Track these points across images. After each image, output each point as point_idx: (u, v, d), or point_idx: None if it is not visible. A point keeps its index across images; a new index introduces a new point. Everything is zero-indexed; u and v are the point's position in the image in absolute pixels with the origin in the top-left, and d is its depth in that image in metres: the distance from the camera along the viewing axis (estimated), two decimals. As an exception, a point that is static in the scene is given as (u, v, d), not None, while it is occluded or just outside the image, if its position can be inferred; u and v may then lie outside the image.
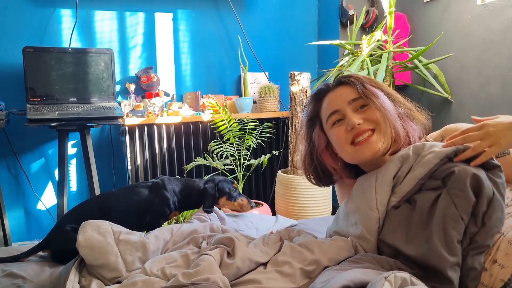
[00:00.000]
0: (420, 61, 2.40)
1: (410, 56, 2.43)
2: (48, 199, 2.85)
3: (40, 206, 2.84)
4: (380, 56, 2.46)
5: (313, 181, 1.30)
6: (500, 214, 0.90)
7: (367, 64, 2.37)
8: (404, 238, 0.95)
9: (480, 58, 2.34)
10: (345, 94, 1.13)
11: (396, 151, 1.10)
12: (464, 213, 0.88)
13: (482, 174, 0.90)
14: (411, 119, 1.14)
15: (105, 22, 2.89)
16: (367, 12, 3.01)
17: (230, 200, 1.73)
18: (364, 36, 2.51)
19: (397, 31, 2.63)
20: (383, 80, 2.41)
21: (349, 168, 1.23)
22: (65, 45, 2.78)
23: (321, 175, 1.27)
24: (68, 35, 2.78)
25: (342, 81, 1.16)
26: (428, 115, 1.19)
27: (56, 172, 2.78)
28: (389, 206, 1.02)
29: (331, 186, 1.39)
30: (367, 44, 2.46)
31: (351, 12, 3.01)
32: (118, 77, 2.92)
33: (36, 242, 1.47)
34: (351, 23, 3.02)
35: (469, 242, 0.90)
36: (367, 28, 3.09)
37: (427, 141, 1.14)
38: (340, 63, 2.62)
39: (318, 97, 1.20)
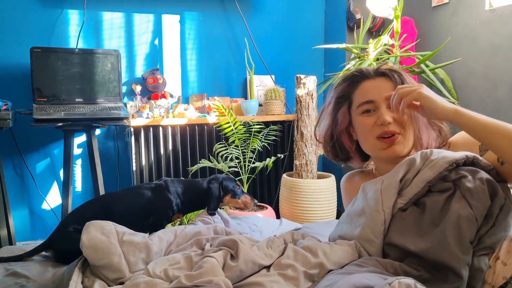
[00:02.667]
0: (427, 66, 2.39)
1: (417, 60, 2.42)
2: (53, 199, 2.86)
3: (45, 206, 2.84)
4: (387, 60, 2.45)
5: (330, 155, 1.32)
6: (509, 219, 0.92)
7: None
8: (414, 238, 0.95)
9: (488, 63, 2.32)
10: (384, 88, 1.12)
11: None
12: (479, 214, 0.89)
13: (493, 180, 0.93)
14: (433, 127, 1.14)
15: (112, 23, 2.90)
16: (374, 16, 3.00)
17: (234, 198, 1.74)
18: (371, 40, 2.50)
19: (404, 35, 2.62)
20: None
21: (363, 153, 1.27)
22: (72, 45, 2.79)
23: (338, 152, 1.30)
24: (75, 36, 2.80)
25: (385, 72, 1.15)
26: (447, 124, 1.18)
27: (61, 172, 2.78)
28: (395, 209, 1.02)
29: (336, 190, 1.40)
30: (373, 48, 2.45)
31: (358, 16, 3.01)
32: (124, 78, 2.93)
33: (40, 242, 1.48)
34: (358, 27, 3.01)
35: (477, 242, 0.91)
36: (374, 32, 3.08)
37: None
38: (347, 67, 2.61)
39: (355, 79, 1.19)
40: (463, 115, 0.94)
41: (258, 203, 2.79)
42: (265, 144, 2.77)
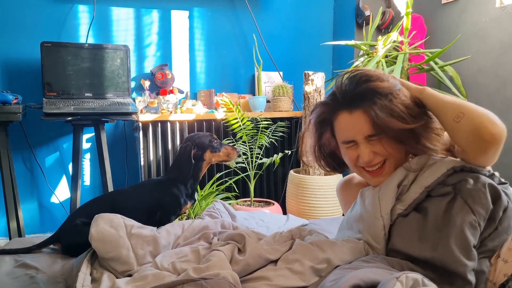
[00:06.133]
0: (436, 63, 2.37)
1: (426, 58, 2.41)
2: (61, 192, 2.89)
3: (53, 199, 2.87)
4: (396, 57, 2.44)
5: (327, 169, 1.29)
6: (511, 225, 0.93)
7: (382, 65, 2.35)
8: (418, 244, 0.95)
9: (497, 61, 2.30)
10: (361, 125, 1.05)
11: None
12: (481, 219, 0.89)
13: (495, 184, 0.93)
14: (429, 130, 1.06)
15: (121, 18, 2.91)
16: (383, 13, 2.99)
17: (214, 152, 1.70)
18: (380, 37, 2.49)
19: (414, 32, 2.61)
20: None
21: None
22: (82, 40, 2.81)
23: (334, 164, 1.27)
24: (85, 31, 2.81)
25: (361, 104, 1.05)
26: None
27: (70, 166, 2.80)
28: (395, 214, 1.02)
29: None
30: (382, 45, 2.44)
31: (367, 13, 2.99)
32: (133, 74, 2.95)
33: (48, 235, 1.49)
34: (367, 23, 3.00)
35: (479, 245, 0.91)
36: (383, 29, 3.06)
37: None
38: (355, 64, 2.60)
39: (333, 108, 1.12)
40: (428, 94, 0.99)
41: (265, 199, 2.80)
42: (273, 140, 2.77)
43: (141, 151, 2.67)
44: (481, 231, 0.90)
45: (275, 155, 2.66)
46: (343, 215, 2.61)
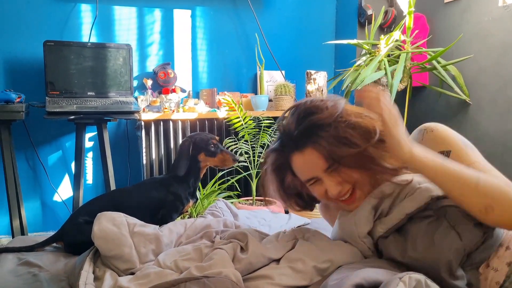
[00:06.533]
0: (438, 62, 2.37)
1: (429, 57, 2.41)
2: (64, 191, 2.90)
3: (56, 198, 2.88)
4: (398, 56, 2.44)
5: (297, 208, 1.22)
6: (498, 231, 0.92)
7: (384, 65, 2.35)
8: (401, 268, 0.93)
9: (500, 60, 2.30)
10: (316, 162, 1.01)
11: None
12: (469, 243, 0.88)
13: None
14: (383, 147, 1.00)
15: (124, 17, 2.92)
16: (386, 12, 2.99)
17: (209, 156, 1.66)
18: (382, 36, 2.49)
19: (416, 31, 2.61)
20: (401, 81, 2.38)
21: None
22: (85, 39, 2.81)
23: (303, 203, 1.21)
24: (87, 30, 2.82)
25: (306, 143, 1.02)
26: None
27: (72, 165, 2.81)
28: (376, 236, 1.00)
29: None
30: (385, 44, 2.44)
31: (369, 12, 2.99)
32: (135, 72, 2.95)
33: (51, 233, 1.50)
34: (370, 23, 3.00)
35: (466, 259, 0.90)
36: (386, 28, 3.06)
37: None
38: (357, 63, 2.60)
39: (284, 153, 1.09)
40: (417, 157, 0.89)
41: (267, 198, 2.79)
42: (275, 139, 2.77)
43: (143, 150, 2.68)
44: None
45: (277, 154, 2.65)
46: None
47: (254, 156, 2.65)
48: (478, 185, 0.83)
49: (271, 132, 2.68)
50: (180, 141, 2.74)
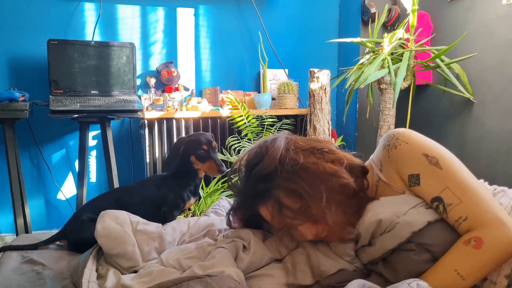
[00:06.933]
0: (442, 61, 2.36)
1: (432, 55, 2.40)
2: (68, 189, 2.91)
3: (60, 196, 2.89)
4: (402, 54, 2.43)
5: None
6: None
7: (388, 63, 2.34)
8: None
9: (504, 59, 2.29)
10: (277, 220, 0.98)
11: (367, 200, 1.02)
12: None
13: None
14: (347, 171, 0.97)
15: (127, 16, 2.92)
16: (389, 10, 2.98)
17: (198, 160, 1.63)
18: (385, 34, 2.48)
19: (420, 29, 2.60)
20: (404, 79, 2.38)
21: None
22: (88, 38, 2.82)
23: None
24: (91, 29, 2.82)
25: (264, 198, 0.98)
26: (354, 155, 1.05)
27: (76, 163, 2.82)
28: (363, 261, 0.98)
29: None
30: (388, 42, 2.43)
31: (373, 10, 2.98)
32: (139, 71, 2.96)
33: (55, 231, 1.50)
34: (373, 21, 2.99)
35: None
36: (389, 26, 3.05)
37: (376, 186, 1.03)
38: (361, 61, 2.59)
39: (249, 207, 1.06)
40: None
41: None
42: (278, 138, 2.77)
43: (147, 148, 2.68)
44: None
45: (280, 153, 2.65)
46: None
47: (257, 155, 2.64)
48: (464, 279, 0.83)
49: (274, 131, 2.68)
50: (183, 139, 2.74)
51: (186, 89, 3.01)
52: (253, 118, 2.59)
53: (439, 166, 0.90)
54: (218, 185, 2.63)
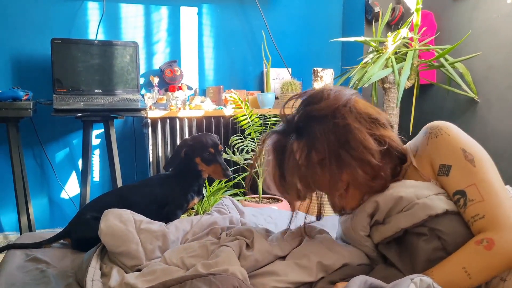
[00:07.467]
0: (446, 60, 2.35)
1: (437, 54, 2.39)
2: (71, 188, 2.91)
3: (63, 195, 2.90)
4: (406, 54, 2.42)
5: (289, 196, 1.16)
6: None
7: (391, 62, 2.34)
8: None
9: (508, 58, 2.28)
10: (295, 162, 1.01)
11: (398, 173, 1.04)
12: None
13: None
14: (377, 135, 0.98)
15: (131, 15, 2.92)
16: (393, 9, 2.97)
17: (203, 163, 1.62)
18: (389, 33, 2.48)
19: (424, 29, 2.59)
20: (408, 79, 2.37)
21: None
22: (92, 37, 2.82)
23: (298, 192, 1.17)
24: (94, 28, 2.83)
25: (303, 134, 1.00)
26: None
27: (80, 162, 2.83)
28: (374, 242, 1.00)
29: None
30: (392, 42, 2.43)
31: (376, 9, 2.98)
32: (142, 70, 2.96)
33: (58, 230, 1.51)
34: (377, 20, 2.98)
35: None
36: (393, 25, 3.05)
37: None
38: (364, 60, 2.59)
39: (285, 137, 1.05)
40: None
41: (274, 196, 2.80)
42: (281, 137, 2.77)
43: (150, 147, 2.68)
44: None
45: (284, 152, 2.65)
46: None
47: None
48: (471, 277, 0.84)
49: (277, 130, 2.67)
50: (187, 138, 2.74)
51: (190, 88, 3.01)
52: (256, 117, 2.59)
53: (473, 164, 0.91)
54: (222, 184, 2.63)
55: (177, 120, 2.73)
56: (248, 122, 2.58)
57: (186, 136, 2.74)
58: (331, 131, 0.95)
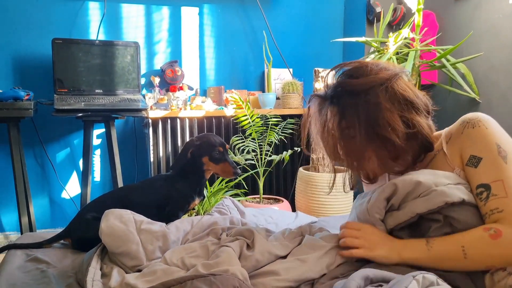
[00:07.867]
0: (448, 60, 2.35)
1: (438, 55, 2.39)
2: (72, 188, 2.91)
3: (64, 195, 2.90)
4: (407, 54, 2.42)
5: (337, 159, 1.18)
6: None
7: (393, 62, 2.34)
8: None
9: (510, 58, 2.28)
10: (325, 129, 1.08)
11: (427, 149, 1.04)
12: None
13: None
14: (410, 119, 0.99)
15: (132, 15, 2.92)
16: (395, 10, 2.97)
17: (212, 162, 1.61)
18: (391, 33, 2.47)
19: (425, 29, 2.59)
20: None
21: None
22: (93, 37, 2.82)
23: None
24: (95, 28, 2.83)
25: (335, 105, 1.05)
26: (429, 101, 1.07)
27: (80, 162, 2.83)
28: (387, 227, 1.00)
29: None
30: (393, 42, 2.42)
31: (378, 9, 2.97)
32: (143, 70, 2.96)
33: (59, 230, 1.50)
34: (378, 20, 2.98)
35: None
36: (394, 25, 3.04)
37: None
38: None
39: (324, 101, 1.09)
40: (408, 259, 0.92)
41: (274, 196, 2.80)
42: (282, 138, 2.76)
43: (151, 148, 2.68)
44: None
45: (285, 152, 2.65)
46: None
47: (261, 154, 2.64)
48: (466, 258, 0.86)
49: (278, 130, 2.67)
50: (187, 139, 2.74)
51: (191, 88, 3.01)
52: (257, 118, 2.58)
53: (506, 160, 0.91)
54: (222, 185, 2.63)
55: (178, 120, 2.73)
56: (249, 123, 2.58)
57: (187, 136, 2.74)
58: (362, 107, 0.98)
